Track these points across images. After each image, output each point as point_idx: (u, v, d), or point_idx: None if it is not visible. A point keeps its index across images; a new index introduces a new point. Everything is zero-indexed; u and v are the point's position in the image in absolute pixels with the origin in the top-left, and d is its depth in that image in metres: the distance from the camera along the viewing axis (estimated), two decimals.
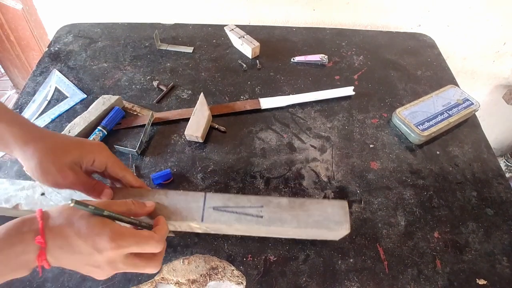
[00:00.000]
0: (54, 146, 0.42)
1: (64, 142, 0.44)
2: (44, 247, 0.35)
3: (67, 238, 0.36)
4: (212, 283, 0.53)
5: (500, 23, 1.05)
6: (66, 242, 0.36)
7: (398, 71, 0.87)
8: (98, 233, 0.36)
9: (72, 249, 0.36)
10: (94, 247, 0.36)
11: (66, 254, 0.36)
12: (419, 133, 0.69)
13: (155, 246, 0.40)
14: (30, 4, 1.13)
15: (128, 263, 0.39)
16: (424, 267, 0.55)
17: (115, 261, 0.37)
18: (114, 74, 0.83)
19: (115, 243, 0.36)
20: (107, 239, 0.36)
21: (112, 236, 0.36)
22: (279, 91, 0.81)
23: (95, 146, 0.46)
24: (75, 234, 0.36)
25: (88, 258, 0.37)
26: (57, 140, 0.44)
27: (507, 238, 0.58)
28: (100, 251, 0.36)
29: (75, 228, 0.36)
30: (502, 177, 0.67)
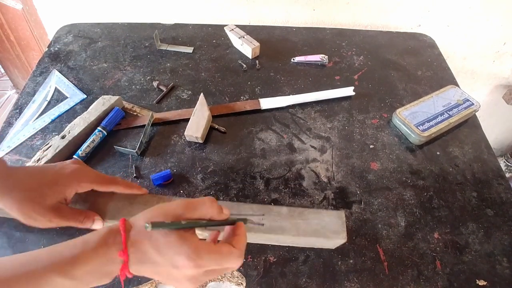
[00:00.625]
0: (30, 195, 0.42)
1: (39, 188, 0.43)
2: (126, 261, 0.36)
3: (146, 253, 0.36)
4: (212, 283, 0.53)
5: (500, 23, 1.05)
6: (146, 257, 0.36)
7: (398, 71, 0.87)
8: (177, 252, 0.35)
9: (151, 264, 0.36)
10: (173, 265, 0.36)
11: (147, 268, 0.37)
12: (419, 134, 0.69)
13: (235, 262, 0.38)
14: (30, 4, 1.13)
15: (209, 274, 0.38)
16: (424, 268, 0.55)
17: (195, 277, 0.37)
18: (114, 74, 0.83)
19: (193, 262, 0.35)
20: (185, 258, 0.35)
21: (190, 255, 0.35)
22: (279, 92, 0.81)
23: (73, 177, 0.45)
24: (154, 250, 0.36)
25: (168, 274, 0.37)
26: (31, 186, 0.43)
27: (507, 239, 0.58)
28: (179, 269, 0.36)
29: (153, 243, 0.36)
30: (502, 178, 0.67)
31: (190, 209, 0.39)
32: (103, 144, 0.69)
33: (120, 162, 0.66)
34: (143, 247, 0.36)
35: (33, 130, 0.71)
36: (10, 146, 0.68)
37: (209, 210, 0.39)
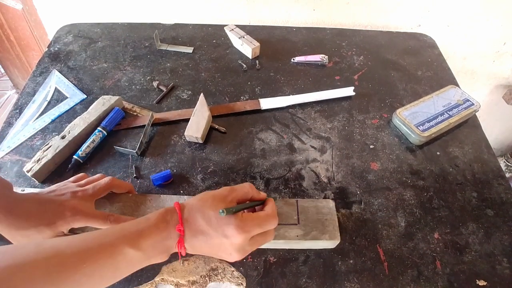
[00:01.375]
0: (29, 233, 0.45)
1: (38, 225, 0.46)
2: (182, 235, 0.41)
3: (200, 227, 0.42)
4: (212, 284, 0.53)
5: (500, 23, 1.05)
6: (199, 231, 0.42)
7: (398, 71, 0.87)
8: (226, 223, 0.41)
9: (204, 238, 0.42)
10: (224, 235, 0.41)
11: (200, 241, 0.42)
12: (419, 134, 0.69)
13: (273, 222, 0.45)
14: (30, 4, 1.12)
15: (252, 244, 0.44)
16: (424, 268, 0.55)
17: (242, 245, 0.42)
18: (114, 74, 0.83)
19: (241, 229, 0.41)
20: (234, 227, 0.41)
21: (238, 223, 0.41)
22: (279, 92, 0.81)
23: (70, 216, 0.47)
24: (206, 224, 0.41)
25: (219, 245, 0.42)
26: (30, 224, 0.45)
27: (507, 239, 0.58)
28: (229, 238, 0.41)
29: (206, 218, 0.42)
30: (503, 178, 0.67)
31: (233, 191, 0.45)
32: (103, 144, 0.69)
33: (120, 162, 0.66)
34: (196, 221, 0.42)
35: (33, 130, 0.71)
36: (10, 146, 0.68)
37: (250, 190, 0.47)
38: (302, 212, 0.54)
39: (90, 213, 0.49)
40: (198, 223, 0.42)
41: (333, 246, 0.55)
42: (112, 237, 0.38)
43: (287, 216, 0.54)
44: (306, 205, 0.55)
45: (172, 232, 0.41)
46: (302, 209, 0.55)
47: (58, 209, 0.47)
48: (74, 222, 0.48)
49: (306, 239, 0.51)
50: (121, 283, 0.52)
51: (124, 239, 0.38)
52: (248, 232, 0.42)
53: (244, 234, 0.41)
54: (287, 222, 0.53)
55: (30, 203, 0.47)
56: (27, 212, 0.46)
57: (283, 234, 0.52)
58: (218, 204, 0.43)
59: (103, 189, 0.53)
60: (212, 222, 0.41)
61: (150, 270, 0.53)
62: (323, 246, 0.55)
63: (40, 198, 0.48)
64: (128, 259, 0.38)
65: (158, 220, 0.41)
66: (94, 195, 0.52)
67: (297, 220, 0.53)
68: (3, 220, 0.44)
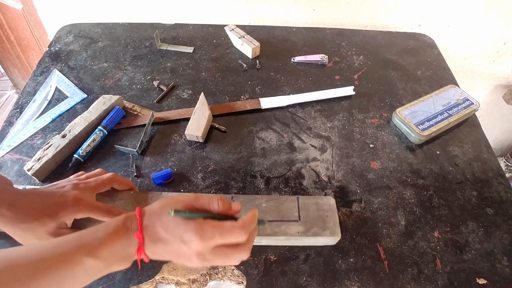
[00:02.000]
0: (32, 226, 0.45)
1: (40, 217, 0.45)
2: (142, 242, 0.40)
3: (158, 234, 0.40)
4: (212, 282, 0.53)
5: (500, 23, 1.05)
6: (158, 236, 0.40)
7: (398, 71, 0.88)
8: (184, 229, 0.39)
9: (163, 244, 0.40)
10: (182, 240, 0.39)
11: (160, 248, 0.40)
12: (419, 133, 0.69)
13: (238, 235, 0.40)
14: (30, 4, 1.13)
15: (216, 253, 0.40)
16: (424, 266, 0.55)
17: (203, 253, 0.40)
18: (115, 74, 0.83)
19: (199, 236, 0.38)
20: (192, 233, 0.38)
21: (196, 229, 0.39)
22: (279, 91, 0.81)
23: (72, 207, 0.47)
24: (164, 231, 0.40)
25: (179, 251, 0.40)
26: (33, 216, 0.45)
27: (507, 237, 0.58)
28: (187, 244, 0.39)
29: (164, 225, 0.40)
30: (502, 177, 0.67)
31: (198, 200, 0.42)
32: (104, 143, 0.69)
33: (121, 161, 0.66)
34: (155, 228, 0.40)
35: (34, 129, 0.71)
36: (10, 145, 0.68)
37: (215, 205, 0.42)
38: (303, 209, 0.55)
39: (93, 203, 0.49)
40: (156, 229, 0.40)
41: (334, 242, 0.55)
42: (69, 246, 0.37)
43: (288, 213, 0.54)
44: (307, 202, 0.56)
45: (132, 239, 0.39)
46: (303, 206, 0.55)
47: (60, 199, 0.47)
48: (77, 213, 0.48)
49: (307, 236, 0.52)
50: (121, 282, 0.52)
51: (81, 248, 0.37)
52: (207, 240, 0.39)
53: (202, 240, 0.38)
54: (288, 218, 0.53)
55: (32, 196, 0.47)
56: (29, 205, 0.46)
57: (284, 231, 0.52)
58: None
59: (105, 183, 0.53)
60: (170, 228, 0.40)
61: (151, 269, 0.53)
62: (324, 242, 0.55)
63: (42, 191, 0.48)
64: (87, 269, 0.37)
65: (118, 227, 0.40)
66: (96, 188, 0.51)
67: (298, 217, 0.54)
68: (5, 214, 0.44)
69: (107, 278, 0.52)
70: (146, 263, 0.42)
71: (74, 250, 0.37)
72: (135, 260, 0.41)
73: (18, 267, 0.34)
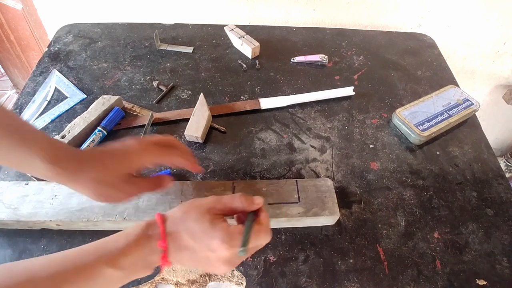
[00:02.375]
0: (103, 176, 0.43)
1: (109, 167, 0.44)
2: (166, 250, 0.39)
3: (184, 241, 0.39)
4: (212, 283, 0.53)
5: (500, 23, 1.05)
6: (183, 244, 0.39)
7: (398, 71, 0.87)
8: (211, 236, 0.38)
9: (189, 252, 0.39)
10: (209, 249, 0.39)
11: (185, 256, 0.40)
12: (419, 133, 0.69)
13: (264, 237, 0.41)
14: (30, 4, 1.13)
15: (242, 257, 0.41)
16: (424, 267, 0.55)
17: (229, 259, 0.39)
18: (114, 74, 0.83)
19: (227, 244, 0.38)
20: (220, 241, 0.38)
21: (223, 237, 0.38)
22: (279, 91, 0.81)
23: (138, 154, 0.46)
24: (190, 238, 0.39)
25: (205, 259, 0.40)
26: (102, 166, 0.44)
27: (507, 238, 0.58)
28: (215, 252, 0.39)
29: (190, 232, 0.39)
30: (502, 178, 0.67)
31: (220, 202, 0.42)
32: (103, 143, 0.68)
33: None
34: (180, 235, 0.39)
35: None
36: None
37: (240, 204, 0.42)
38: (302, 191, 0.57)
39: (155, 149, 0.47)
40: (182, 237, 0.39)
41: (333, 222, 0.58)
42: (90, 257, 0.36)
43: (288, 195, 0.57)
44: (306, 184, 0.58)
45: (154, 247, 0.39)
46: (302, 188, 0.58)
47: (125, 148, 0.46)
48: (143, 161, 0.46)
49: (307, 216, 0.54)
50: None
51: (102, 259, 0.36)
52: (235, 247, 0.38)
53: (230, 249, 0.38)
54: (288, 201, 0.56)
55: (96, 151, 0.46)
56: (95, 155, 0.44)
57: (285, 212, 0.54)
58: (202, 217, 0.40)
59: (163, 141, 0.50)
60: (196, 236, 0.39)
61: None
62: (323, 222, 0.58)
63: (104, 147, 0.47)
64: (108, 279, 0.36)
65: (139, 236, 0.39)
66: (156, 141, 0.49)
67: (298, 199, 0.56)
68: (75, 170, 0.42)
69: None
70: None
71: (95, 261, 0.36)
72: None
73: (39, 279, 0.33)
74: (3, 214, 0.53)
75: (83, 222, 0.53)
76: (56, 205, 0.54)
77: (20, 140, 0.39)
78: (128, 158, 0.45)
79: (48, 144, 0.41)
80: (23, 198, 0.55)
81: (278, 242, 0.57)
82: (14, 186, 0.56)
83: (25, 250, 0.54)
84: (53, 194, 0.55)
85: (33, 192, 0.56)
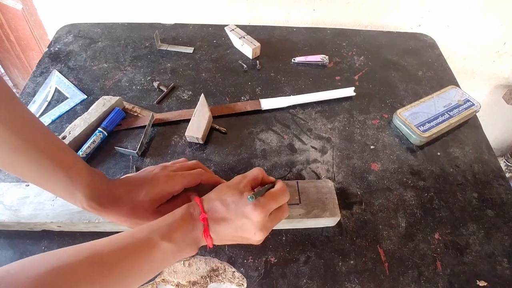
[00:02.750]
0: (134, 208, 0.48)
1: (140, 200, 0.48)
2: (207, 224, 0.44)
3: (221, 214, 0.44)
4: (212, 285, 0.53)
5: (500, 23, 1.05)
6: (221, 217, 0.44)
7: (399, 71, 0.87)
8: (244, 204, 0.44)
9: (227, 223, 0.44)
10: (244, 215, 0.44)
11: (223, 227, 0.44)
12: (420, 134, 0.69)
13: (285, 196, 0.48)
14: (30, 4, 1.12)
15: (272, 219, 0.46)
16: (424, 268, 0.55)
17: (263, 222, 0.44)
18: (115, 74, 0.83)
19: (259, 206, 0.43)
20: (252, 206, 0.43)
21: (254, 202, 0.44)
22: (279, 92, 0.81)
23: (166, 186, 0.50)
24: (226, 210, 0.44)
25: (242, 226, 0.44)
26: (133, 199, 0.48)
27: (508, 239, 0.58)
28: (249, 218, 0.43)
29: (225, 205, 0.45)
30: (503, 178, 0.67)
31: (244, 177, 0.49)
32: (104, 144, 0.69)
33: (121, 163, 0.66)
34: (216, 209, 0.45)
35: None
36: None
37: (259, 174, 0.50)
38: (303, 193, 0.57)
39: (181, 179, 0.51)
40: (218, 210, 0.44)
41: (334, 223, 0.58)
42: (145, 232, 0.40)
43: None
44: (306, 185, 0.58)
45: (197, 223, 0.44)
46: (303, 190, 0.58)
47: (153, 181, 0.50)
48: (172, 191, 0.50)
49: (308, 218, 0.54)
50: None
51: (156, 233, 0.40)
52: (265, 208, 0.44)
53: (262, 210, 0.43)
54: (289, 202, 0.55)
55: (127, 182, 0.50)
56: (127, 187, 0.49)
57: None
58: (233, 191, 0.46)
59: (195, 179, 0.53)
60: (230, 207, 0.44)
61: None
62: (324, 224, 0.58)
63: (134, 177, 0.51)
64: (163, 251, 0.40)
65: (183, 214, 0.44)
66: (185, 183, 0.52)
67: (299, 200, 0.56)
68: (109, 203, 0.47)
69: None
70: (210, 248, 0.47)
71: (150, 235, 0.40)
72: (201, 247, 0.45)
73: (104, 253, 0.37)
74: (4, 216, 0.53)
75: (84, 224, 0.53)
76: (57, 207, 0.54)
77: (66, 173, 0.43)
78: (157, 190, 0.49)
79: (90, 180, 0.45)
80: (24, 200, 0.55)
81: (279, 243, 0.57)
82: (15, 188, 0.56)
83: (26, 251, 0.54)
84: (54, 196, 0.55)
85: (34, 193, 0.56)
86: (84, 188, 0.45)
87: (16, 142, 0.39)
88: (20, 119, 0.39)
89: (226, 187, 0.47)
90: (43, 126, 0.43)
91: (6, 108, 0.38)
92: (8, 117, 0.38)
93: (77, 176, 0.44)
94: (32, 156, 0.41)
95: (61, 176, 0.43)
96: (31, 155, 0.40)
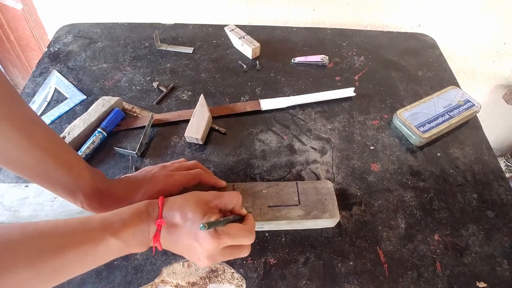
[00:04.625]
0: None
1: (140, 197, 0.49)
2: (159, 229, 0.42)
3: (175, 225, 0.43)
4: (212, 285, 0.53)
5: (500, 23, 1.05)
6: (174, 229, 0.42)
7: (399, 71, 0.87)
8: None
9: (177, 237, 0.42)
10: (195, 238, 0.42)
11: (174, 238, 0.43)
12: (420, 135, 0.69)
13: (248, 238, 0.45)
14: (30, 4, 1.12)
15: (224, 253, 0.44)
16: (424, 270, 0.55)
17: (213, 253, 0.42)
18: (114, 75, 0.83)
19: (213, 236, 0.41)
20: (206, 233, 0.41)
21: (211, 231, 0.41)
22: (279, 92, 0.80)
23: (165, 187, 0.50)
24: (181, 224, 0.42)
25: (189, 247, 0.43)
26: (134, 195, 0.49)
27: (508, 240, 0.58)
28: (200, 242, 0.41)
29: (183, 218, 0.42)
30: (503, 179, 0.67)
31: (219, 197, 0.46)
32: (103, 145, 0.68)
33: (120, 164, 0.66)
34: (173, 219, 0.43)
35: None
36: None
37: (234, 200, 0.47)
38: (302, 194, 0.57)
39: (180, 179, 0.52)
40: (175, 221, 0.43)
41: (333, 224, 0.57)
42: (96, 225, 0.39)
43: (288, 198, 0.57)
44: (306, 186, 0.58)
45: (151, 225, 0.42)
46: (302, 191, 0.58)
47: (152, 180, 0.51)
48: (172, 191, 0.50)
49: (307, 219, 0.54)
50: (121, 285, 0.52)
51: (107, 228, 0.39)
52: (220, 241, 0.41)
53: (215, 241, 0.41)
54: (289, 203, 0.55)
55: (125, 182, 0.50)
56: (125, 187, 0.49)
57: (286, 215, 0.54)
58: (197, 208, 0.43)
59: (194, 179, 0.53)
60: (187, 223, 0.42)
61: (150, 272, 0.53)
62: (323, 225, 0.58)
63: (133, 176, 0.52)
64: (110, 247, 0.39)
65: (141, 210, 0.42)
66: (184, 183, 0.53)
67: (298, 201, 0.56)
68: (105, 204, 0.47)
69: (107, 281, 0.52)
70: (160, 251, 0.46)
71: (100, 229, 0.39)
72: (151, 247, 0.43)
73: (48, 238, 0.35)
74: (3, 216, 0.53)
75: None
76: (56, 207, 0.54)
77: (67, 172, 0.43)
78: (156, 189, 0.49)
79: (91, 179, 0.46)
80: (23, 200, 0.55)
81: (278, 244, 0.57)
82: (14, 188, 0.56)
83: None
84: (53, 197, 0.55)
85: (33, 194, 0.56)
86: (85, 188, 0.45)
87: (19, 140, 0.39)
88: (23, 117, 0.39)
89: (194, 200, 0.44)
90: (45, 124, 0.43)
91: (9, 106, 0.38)
92: (11, 115, 0.38)
93: (78, 175, 0.44)
94: (34, 154, 0.40)
95: (63, 175, 0.43)
96: (33, 153, 0.40)
